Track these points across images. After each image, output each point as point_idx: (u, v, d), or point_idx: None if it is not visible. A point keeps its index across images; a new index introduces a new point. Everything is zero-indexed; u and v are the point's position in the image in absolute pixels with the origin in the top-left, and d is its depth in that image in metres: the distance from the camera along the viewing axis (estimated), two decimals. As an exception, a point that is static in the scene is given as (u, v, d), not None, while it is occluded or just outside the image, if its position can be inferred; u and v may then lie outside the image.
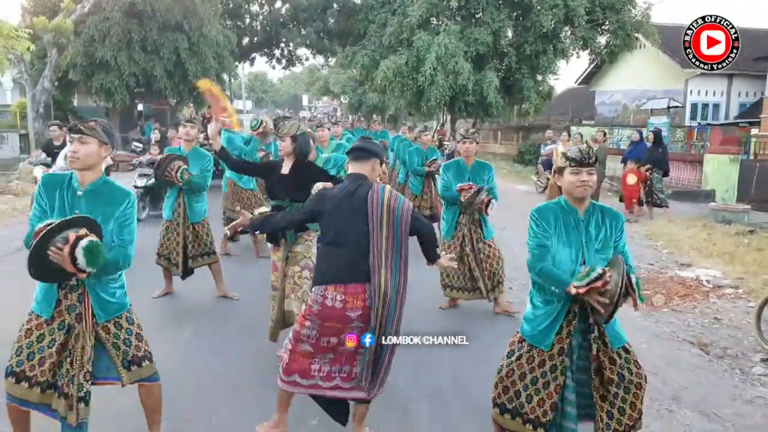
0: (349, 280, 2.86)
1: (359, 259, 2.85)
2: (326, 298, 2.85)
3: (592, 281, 2.51)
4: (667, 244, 8.18)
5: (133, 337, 2.85)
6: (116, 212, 2.74)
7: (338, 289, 2.85)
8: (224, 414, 3.50)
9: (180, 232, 5.31)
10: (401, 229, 2.88)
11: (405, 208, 2.90)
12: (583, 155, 2.70)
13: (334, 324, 2.87)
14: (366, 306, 2.84)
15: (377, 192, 2.89)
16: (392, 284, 2.86)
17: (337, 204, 2.92)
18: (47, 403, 2.74)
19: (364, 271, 2.84)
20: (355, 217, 2.88)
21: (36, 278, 2.64)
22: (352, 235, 2.88)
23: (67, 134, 2.77)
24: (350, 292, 2.84)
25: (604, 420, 2.71)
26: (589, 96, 26.35)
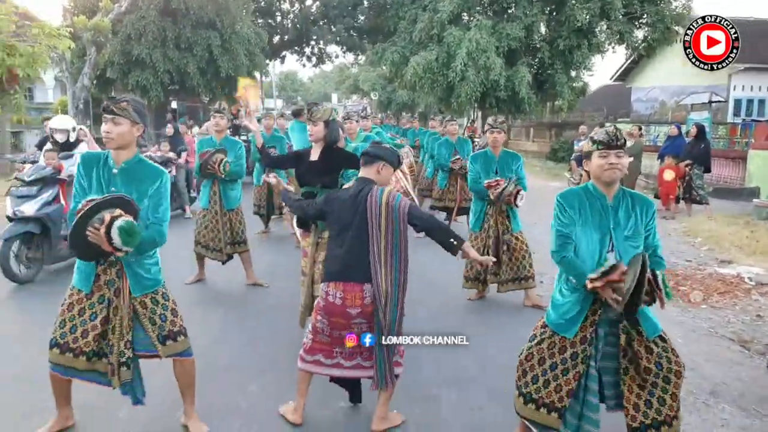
0: (348, 278, 2.95)
1: (358, 260, 2.93)
2: (329, 294, 2.98)
3: (607, 273, 2.44)
4: (706, 240, 7.92)
5: (168, 312, 2.92)
6: (150, 190, 2.81)
7: (338, 286, 2.97)
8: (252, 395, 3.53)
9: (218, 219, 5.42)
10: (400, 227, 2.93)
11: (402, 204, 2.94)
12: (611, 137, 2.60)
13: (339, 319, 2.98)
14: (364, 304, 2.92)
15: (375, 193, 2.96)
16: (392, 281, 2.92)
17: (342, 205, 3.03)
18: (94, 369, 2.85)
19: (362, 271, 2.92)
20: (356, 219, 2.95)
21: (79, 257, 2.77)
22: (353, 235, 2.96)
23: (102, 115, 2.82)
24: (348, 290, 2.94)
25: (641, 409, 2.61)
26: (624, 93, 25.79)
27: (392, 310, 2.94)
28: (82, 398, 3.11)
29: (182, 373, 3.03)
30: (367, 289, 2.93)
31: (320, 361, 3.09)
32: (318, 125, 3.93)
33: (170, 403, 3.26)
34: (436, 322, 4.79)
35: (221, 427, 3.14)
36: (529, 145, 26.16)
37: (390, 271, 2.92)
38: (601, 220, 2.66)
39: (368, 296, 2.93)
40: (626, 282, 2.39)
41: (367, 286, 2.92)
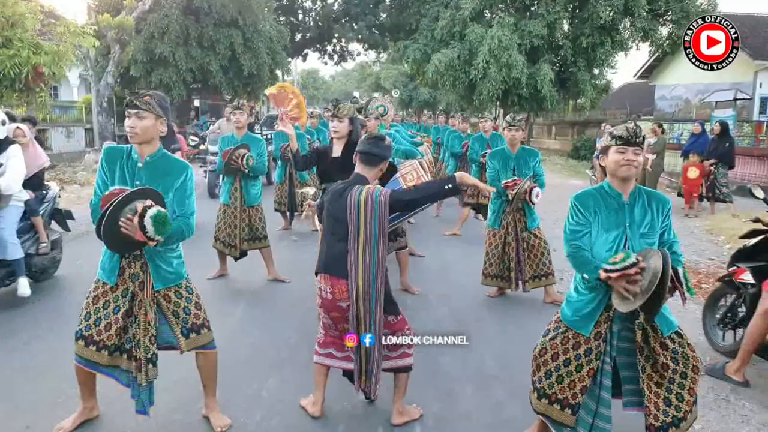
0: (333, 272, 2.95)
1: (341, 255, 2.92)
2: (321, 289, 2.98)
3: (627, 267, 2.41)
4: (730, 239, 7.81)
5: (192, 305, 2.95)
6: (176, 184, 2.83)
7: (326, 280, 2.96)
8: (272, 387, 3.58)
9: (237, 215, 5.48)
10: (379, 222, 2.87)
11: (383, 194, 2.89)
12: (630, 133, 2.59)
13: (335, 314, 2.98)
14: (348, 297, 2.92)
15: (354, 192, 2.92)
16: (370, 278, 2.88)
17: (332, 200, 3.01)
18: (115, 365, 2.89)
19: (343, 266, 2.91)
20: (341, 215, 2.94)
21: (109, 248, 2.78)
22: (338, 231, 2.96)
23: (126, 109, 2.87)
24: (335, 284, 2.93)
25: (661, 407, 2.60)
26: (648, 90, 25.42)
27: (369, 308, 2.91)
28: (106, 390, 3.16)
29: (205, 365, 3.07)
30: (348, 285, 2.93)
31: (333, 354, 3.14)
32: (344, 122, 4.07)
33: (191, 395, 3.32)
34: (458, 318, 4.82)
35: (242, 418, 3.19)
36: (551, 143, 25.96)
37: (367, 268, 2.88)
38: (617, 218, 2.65)
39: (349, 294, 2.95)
40: (644, 280, 2.39)
41: (349, 282, 2.92)
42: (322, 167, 4.31)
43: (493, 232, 5.23)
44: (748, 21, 20.43)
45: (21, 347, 4.12)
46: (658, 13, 18.37)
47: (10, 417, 3.17)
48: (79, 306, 2.97)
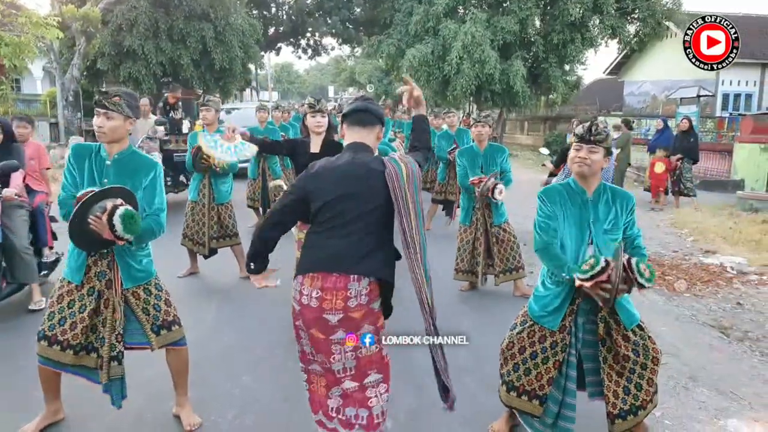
0: (331, 268, 2.25)
1: (356, 249, 2.27)
2: (302, 294, 2.29)
3: (597, 275, 2.47)
4: (692, 232, 8.06)
5: (162, 302, 2.95)
6: (144, 181, 2.83)
7: (315, 281, 2.25)
8: (245, 385, 3.59)
9: (206, 212, 5.44)
10: (419, 193, 2.37)
11: (416, 167, 2.39)
12: (586, 131, 2.66)
13: (317, 332, 2.27)
14: (347, 308, 2.23)
15: (393, 167, 2.30)
16: (426, 272, 2.35)
17: (338, 181, 2.31)
18: (82, 364, 2.86)
19: (355, 260, 2.26)
20: (365, 198, 2.29)
21: (78, 246, 2.75)
22: (357, 219, 2.29)
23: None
24: (328, 287, 2.23)
25: (620, 396, 2.71)
26: (617, 86, 25.91)
27: (432, 306, 2.38)
28: (72, 391, 3.12)
29: (176, 361, 3.06)
30: (354, 287, 2.24)
31: (323, 422, 2.44)
32: (325, 117, 4.13)
33: (162, 393, 3.30)
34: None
35: (215, 417, 3.19)
36: (523, 138, 26.26)
37: (422, 260, 2.33)
38: (581, 214, 2.73)
39: (354, 297, 2.25)
40: (612, 278, 2.46)
41: (353, 282, 2.24)
42: (300, 161, 4.19)
43: (464, 228, 5.32)
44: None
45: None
46: (625, 11, 18.69)
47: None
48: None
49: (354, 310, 2.25)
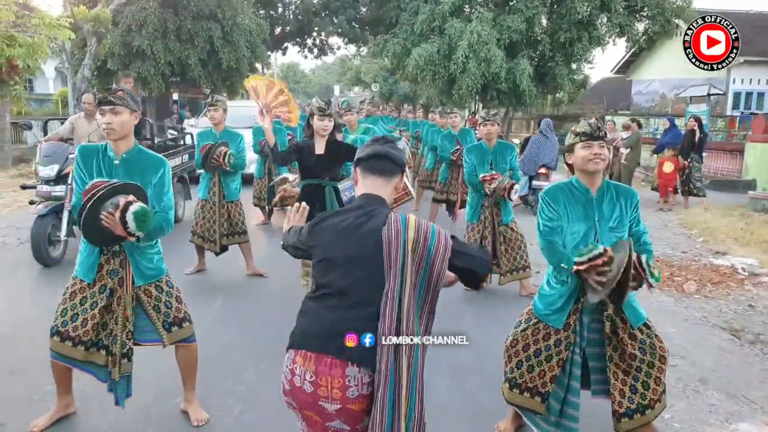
0: (325, 349, 1.85)
1: (348, 324, 1.85)
2: (294, 373, 1.90)
3: (593, 258, 2.47)
4: (702, 232, 8.00)
5: (173, 299, 2.98)
6: (153, 179, 2.85)
7: (308, 362, 1.86)
8: (249, 381, 3.61)
9: (216, 210, 5.47)
10: (432, 273, 1.89)
11: (442, 241, 1.90)
12: (593, 128, 2.65)
13: (311, 414, 1.89)
14: (346, 398, 1.82)
15: (396, 222, 1.89)
16: (413, 360, 1.86)
17: (337, 236, 1.96)
18: (92, 361, 2.89)
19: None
20: (362, 263, 1.89)
21: (89, 241, 2.77)
22: (349, 285, 1.89)
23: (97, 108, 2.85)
24: (322, 372, 1.83)
25: (626, 394, 2.70)
26: (625, 85, 25.77)
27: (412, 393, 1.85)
28: (83, 386, 3.17)
29: (186, 358, 3.09)
30: (353, 375, 1.82)
31: None
32: (332, 121, 4.23)
33: (169, 389, 3.33)
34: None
35: (220, 412, 3.20)
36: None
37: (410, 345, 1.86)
38: (585, 213, 2.72)
39: (354, 386, 1.82)
40: (612, 269, 2.45)
41: (352, 370, 1.82)
42: (304, 164, 4.34)
43: (471, 226, 5.30)
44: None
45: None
46: (634, 9, 18.55)
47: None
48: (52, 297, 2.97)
49: (354, 401, 1.82)
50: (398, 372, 1.81)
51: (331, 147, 4.25)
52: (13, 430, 3.00)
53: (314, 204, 3.91)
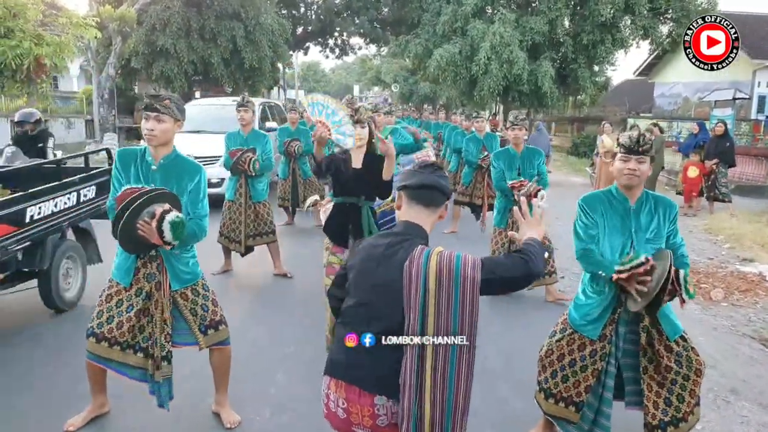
0: (353, 380, 1.86)
1: (374, 357, 1.84)
2: (329, 398, 1.92)
3: (635, 267, 2.46)
4: (728, 238, 7.90)
5: (209, 302, 3.02)
6: (189, 186, 2.88)
7: (339, 389, 1.88)
8: (280, 383, 3.64)
9: (242, 211, 5.53)
10: (465, 299, 1.80)
11: (468, 264, 1.82)
12: (633, 142, 2.62)
13: None
14: (376, 426, 1.84)
15: (418, 259, 1.82)
16: (444, 402, 1.79)
17: (366, 262, 1.93)
18: (126, 362, 2.94)
19: (376, 375, 1.84)
20: (384, 294, 1.85)
21: (124, 249, 2.81)
22: (373, 314, 1.87)
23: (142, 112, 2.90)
24: (353, 400, 1.85)
25: (660, 407, 2.68)
26: (647, 88, 25.48)
27: None
28: (116, 387, 3.21)
29: (220, 361, 3.13)
30: (381, 404, 1.83)
31: None
32: (365, 128, 3.65)
33: (200, 391, 3.38)
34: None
35: (252, 414, 3.24)
36: (549, 139, 26.00)
37: (439, 387, 1.78)
38: (623, 223, 2.70)
39: (383, 415, 1.83)
40: (653, 279, 2.44)
41: (381, 400, 1.83)
42: (339, 179, 3.71)
43: (499, 231, 5.30)
44: (748, 20, 20.45)
45: (32, 341, 4.18)
46: (658, 11, 18.36)
47: (22, 412, 3.23)
48: (93, 300, 3.02)
49: (385, 429, 1.84)
50: (422, 411, 1.78)
51: (369, 160, 3.65)
52: (49, 428, 3.06)
53: (347, 225, 3.69)
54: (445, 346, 1.79)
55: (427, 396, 1.77)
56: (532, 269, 1.84)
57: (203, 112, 10.68)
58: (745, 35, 15.57)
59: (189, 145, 7.00)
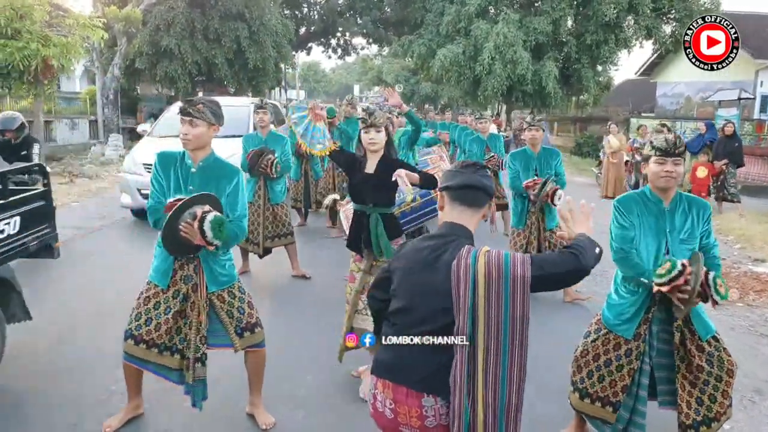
0: (401, 380, 1.87)
1: (422, 357, 1.86)
2: (376, 399, 1.94)
3: (674, 278, 2.47)
4: (739, 239, 7.94)
5: (245, 305, 3.04)
6: (228, 188, 2.91)
7: (387, 389, 1.89)
8: (309, 385, 3.66)
9: (261, 213, 5.55)
10: (514, 305, 1.78)
11: (518, 263, 1.80)
12: (669, 145, 2.64)
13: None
14: (425, 427, 1.84)
15: (467, 256, 1.82)
16: (496, 402, 1.79)
17: (411, 264, 1.94)
18: (164, 364, 2.97)
19: (424, 374, 1.85)
20: (429, 291, 1.87)
21: (171, 252, 2.85)
22: (420, 317, 1.88)
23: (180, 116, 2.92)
24: (400, 400, 1.86)
25: (692, 406, 2.71)
26: (648, 87, 25.52)
27: None
28: (151, 388, 3.24)
29: (255, 363, 3.15)
30: (429, 405, 1.83)
31: None
32: (381, 131, 3.46)
33: (231, 393, 3.40)
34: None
35: (284, 416, 3.25)
36: (553, 139, 26.00)
37: (491, 387, 1.78)
38: (657, 223, 2.73)
39: (431, 416, 1.83)
40: (691, 282, 2.47)
41: (428, 401, 1.83)
42: (352, 182, 3.63)
43: (517, 232, 5.32)
44: (751, 20, 20.51)
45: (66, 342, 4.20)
46: (662, 11, 18.45)
47: (58, 413, 3.26)
48: (122, 301, 3.04)
49: (433, 430, 1.84)
50: (474, 411, 1.76)
51: (382, 166, 3.45)
52: (86, 429, 3.10)
53: (360, 233, 3.55)
54: (496, 345, 1.77)
55: (480, 396, 1.77)
56: (582, 264, 1.83)
57: None
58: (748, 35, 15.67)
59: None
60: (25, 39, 10.88)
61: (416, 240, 2.03)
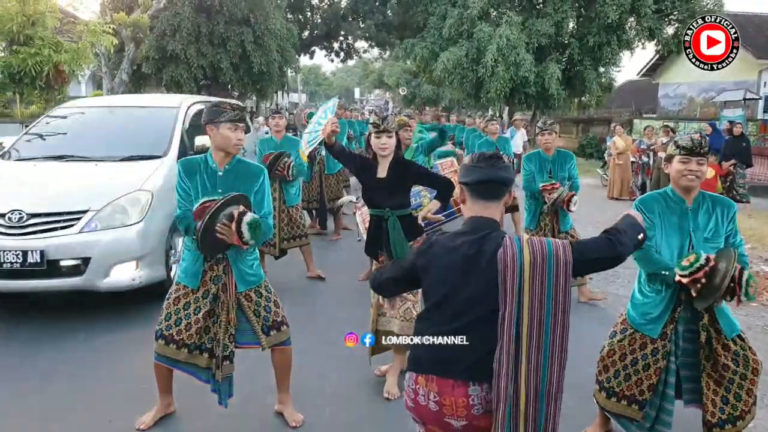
0: (445, 372, 1.91)
1: (469, 347, 1.90)
2: (417, 394, 1.97)
3: (695, 272, 2.50)
4: (749, 239, 7.96)
5: (272, 304, 3.11)
6: (254, 187, 3.00)
7: (430, 383, 1.92)
8: (334, 383, 3.71)
9: (276, 215, 5.61)
10: (556, 289, 1.85)
11: (561, 257, 1.85)
12: (695, 144, 2.68)
13: (438, 430, 1.96)
14: (472, 416, 1.88)
15: (511, 244, 1.87)
16: (537, 381, 1.86)
17: (451, 261, 1.95)
18: (194, 363, 3.03)
19: (470, 363, 1.89)
20: (474, 284, 1.90)
21: (205, 253, 2.91)
22: (467, 308, 1.92)
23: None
24: (446, 392, 1.89)
25: (718, 405, 2.73)
26: (650, 88, 25.60)
27: (540, 421, 1.88)
28: (182, 387, 3.28)
29: (282, 361, 3.21)
30: (476, 394, 1.88)
31: None
32: (392, 137, 3.52)
33: (257, 390, 3.46)
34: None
35: (312, 413, 3.30)
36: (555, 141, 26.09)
37: (533, 368, 1.85)
38: (680, 223, 2.75)
39: (478, 404, 1.88)
40: (717, 277, 2.49)
41: (475, 389, 1.88)
42: (366, 188, 3.70)
43: (530, 233, 5.37)
44: (753, 20, 20.62)
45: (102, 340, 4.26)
46: (664, 12, 18.51)
47: (92, 410, 3.33)
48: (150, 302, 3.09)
49: (479, 418, 1.88)
50: (517, 394, 1.84)
51: (394, 169, 3.53)
52: (120, 427, 3.16)
53: (378, 238, 3.60)
54: (539, 331, 1.84)
55: (522, 380, 1.83)
56: (618, 251, 1.91)
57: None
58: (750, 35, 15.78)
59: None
60: (37, 45, 11.01)
61: (445, 238, 2.04)
